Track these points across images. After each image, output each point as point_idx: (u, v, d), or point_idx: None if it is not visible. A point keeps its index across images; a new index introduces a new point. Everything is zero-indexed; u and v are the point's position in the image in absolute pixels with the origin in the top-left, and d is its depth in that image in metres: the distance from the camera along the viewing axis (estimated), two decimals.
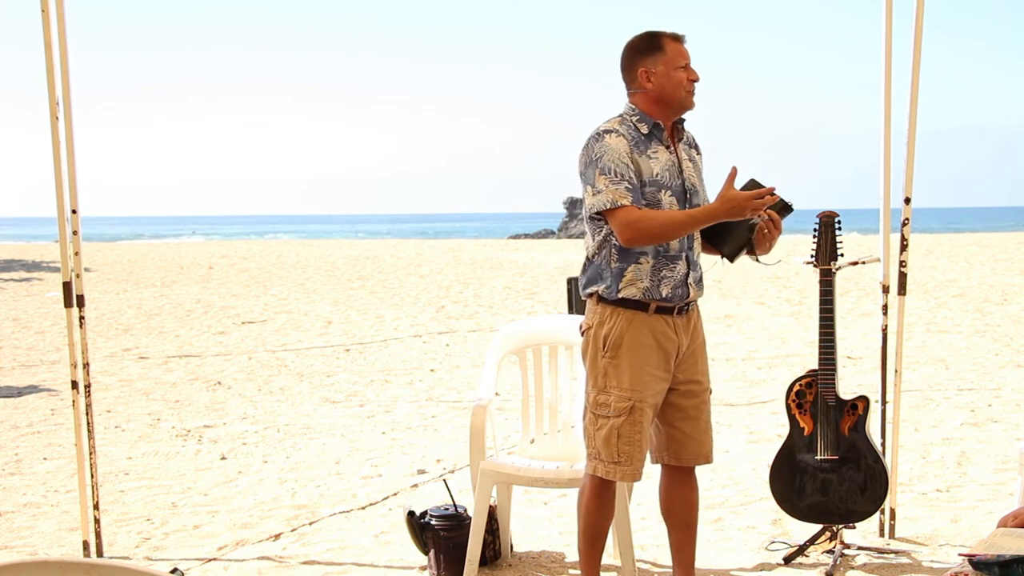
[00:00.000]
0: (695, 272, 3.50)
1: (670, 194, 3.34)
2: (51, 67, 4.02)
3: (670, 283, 3.39)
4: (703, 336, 3.58)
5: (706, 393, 3.53)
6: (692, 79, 3.38)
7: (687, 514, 3.60)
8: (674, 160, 3.39)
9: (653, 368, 3.38)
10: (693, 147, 3.53)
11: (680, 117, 3.43)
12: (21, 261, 22.97)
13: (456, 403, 7.41)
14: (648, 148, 3.35)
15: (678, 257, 3.40)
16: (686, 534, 3.60)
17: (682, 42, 3.39)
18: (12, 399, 7.78)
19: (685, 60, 3.38)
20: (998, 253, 21.24)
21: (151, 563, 4.24)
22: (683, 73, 3.35)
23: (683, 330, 3.48)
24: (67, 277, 4.16)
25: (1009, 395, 7.24)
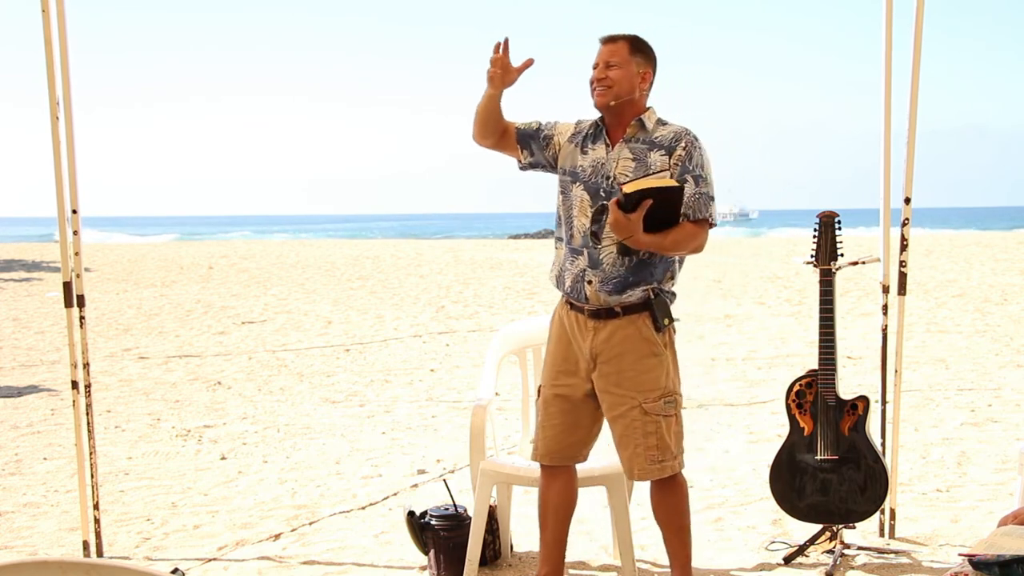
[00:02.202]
0: (598, 272, 3.39)
1: (582, 188, 3.43)
2: (51, 67, 4.02)
3: (570, 276, 3.45)
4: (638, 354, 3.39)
5: (633, 411, 3.39)
6: (595, 79, 3.46)
7: (668, 518, 3.56)
8: (604, 158, 3.43)
9: (561, 360, 3.49)
10: (658, 148, 3.40)
11: (638, 117, 3.45)
12: (21, 261, 22.96)
13: (456, 403, 7.41)
14: (589, 143, 3.49)
15: (579, 251, 3.43)
16: (676, 537, 3.57)
17: (603, 42, 3.47)
18: (12, 399, 7.78)
19: (597, 60, 3.47)
20: (998, 253, 21.25)
21: (151, 563, 4.24)
22: (593, 73, 3.46)
23: (592, 334, 3.43)
24: (67, 277, 4.16)
25: (1009, 395, 7.24)
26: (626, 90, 3.42)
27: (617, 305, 3.39)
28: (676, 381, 3.48)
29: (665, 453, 3.42)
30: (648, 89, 3.51)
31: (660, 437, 3.40)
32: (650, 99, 3.54)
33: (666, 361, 3.43)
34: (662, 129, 3.45)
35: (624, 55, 3.43)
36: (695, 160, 3.38)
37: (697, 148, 3.40)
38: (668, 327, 3.44)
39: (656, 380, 3.40)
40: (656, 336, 3.40)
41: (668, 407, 3.42)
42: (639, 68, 3.45)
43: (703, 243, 3.40)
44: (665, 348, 3.43)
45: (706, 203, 3.37)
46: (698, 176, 3.37)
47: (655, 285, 3.40)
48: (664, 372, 3.42)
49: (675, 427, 3.45)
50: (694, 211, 3.35)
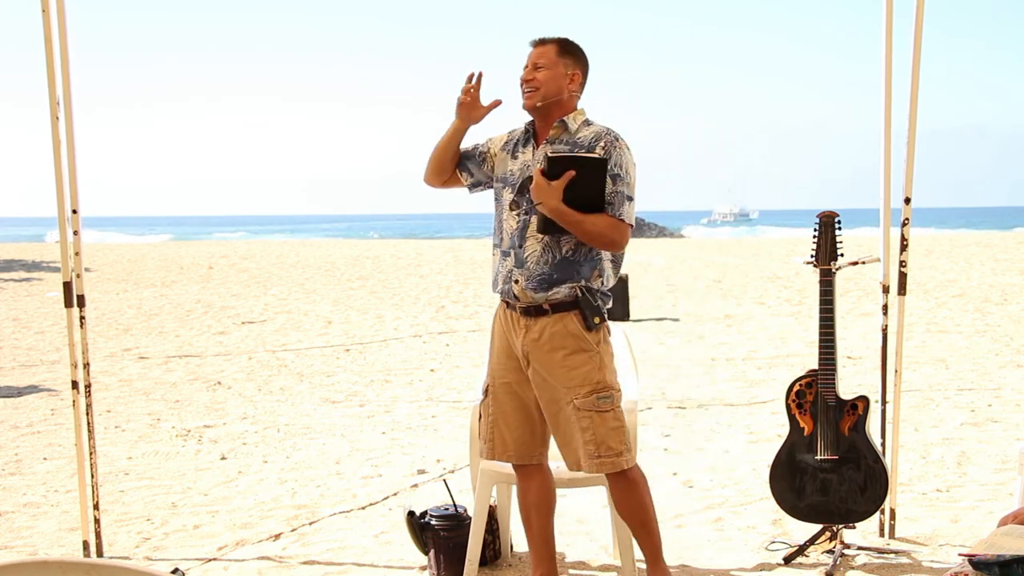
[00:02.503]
0: (523, 271, 3.44)
1: (510, 192, 3.51)
2: (51, 67, 4.02)
3: (501, 278, 3.53)
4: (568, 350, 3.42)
5: (567, 407, 3.42)
6: (523, 80, 3.52)
7: (629, 513, 3.59)
8: (531, 160, 3.49)
9: (503, 356, 3.57)
10: (579, 148, 3.41)
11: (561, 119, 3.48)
12: (21, 261, 22.97)
13: (456, 403, 7.41)
14: (520, 148, 3.57)
15: (508, 253, 3.51)
16: (640, 532, 3.60)
17: (533, 45, 3.54)
18: (12, 399, 7.78)
19: (526, 62, 3.52)
20: (998, 253, 21.25)
21: (151, 563, 4.24)
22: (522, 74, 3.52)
23: (524, 332, 3.48)
24: (67, 277, 4.16)
25: (1009, 395, 7.25)
26: (553, 91, 3.46)
27: (545, 303, 3.43)
28: (612, 378, 3.48)
29: (602, 448, 3.42)
30: (578, 90, 3.53)
31: (595, 432, 3.42)
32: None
33: (597, 357, 3.44)
34: (586, 130, 3.47)
35: (552, 57, 3.47)
36: (614, 159, 3.38)
37: (617, 148, 3.40)
38: (600, 325, 3.46)
39: (586, 376, 3.41)
40: (586, 333, 3.43)
41: (602, 403, 3.42)
42: (567, 69, 3.48)
43: (621, 241, 3.39)
44: (596, 345, 3.44)
45: (622, 202, 3.38)
46: (616, 175, 3.38)
47: (582, 283, 3.43)
48: (595, 367, 3.43)
49: (612, 423, 3.44)
50: (612, 209, 3.37)
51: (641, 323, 11.67)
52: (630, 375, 4.10)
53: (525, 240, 3.44)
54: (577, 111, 3.52)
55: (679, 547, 4.29)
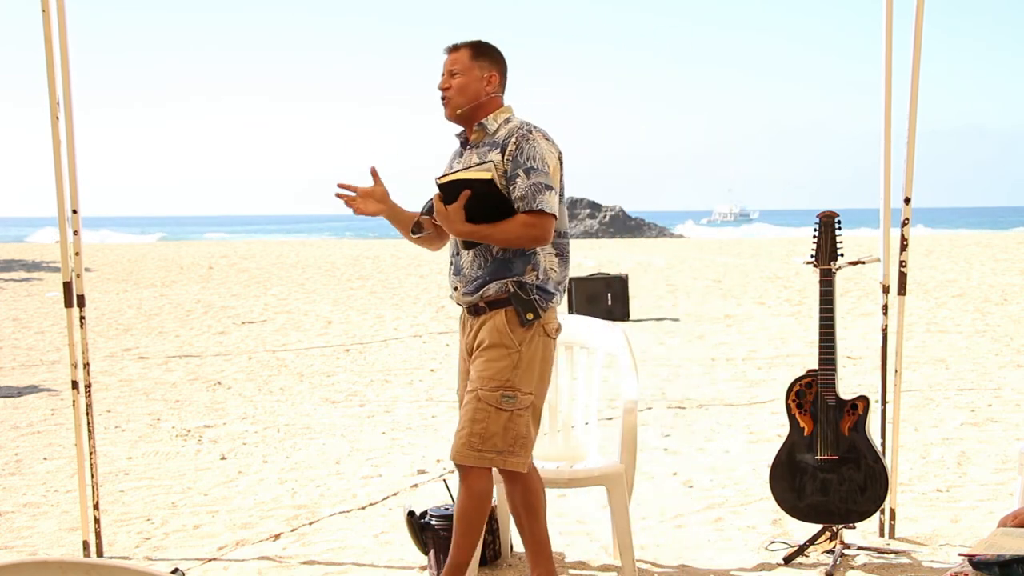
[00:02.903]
0: (461, 278, 3.53)
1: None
2: (51, 67, 4.02)
3: (450, 285, 3.62)
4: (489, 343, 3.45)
5: (472, 395, 3.46)
6: (440, 88, 3.55)
7: (515, 510, 3.60)
8: (464, 165, 3.53)
9: (461, 361, 3.65)
10: (495, 147, 3.45)
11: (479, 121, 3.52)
12: (21, 261, 22.97)
13: (456, 403, 7.39)
14: (457, 159, 3.62)
15: (451, 263, 3.59)
16: (523, 531, 3.60)
17: (447, 52, 3.57)
18: (12, 399, 7.78)
19: (442, 70, 3.56)
20: (998, 253, 21.26)
21: (151, 563, 4.24)
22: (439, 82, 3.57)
23: (470, 330, 3.55)
24: (67, 277, 4.16)
25: (1009, 395, 7.25)
26: (470, 97, 3.49)
27: (481, 301, 3.48)
28: (525, 380, 3.44)
29: (487, 443, 3.41)
30: (497, 90, 3.55)
31: (485, 427, 3.41)
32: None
33: (515, 356, 3.43)
34: (504, 128, 3.49)
35: (466, 62, 3.50)
36: (526, 153, 3.40)
37: (529, 141, 3.42)
38: (534, 323, 3.44)
39: (498, 371, 3.42)
40: (513, 331, 3.43)
41: (505, 402, 3.41)
42: (484, 72, 3.51)
43: (542, 234, 3.39)
44: (520, 344, 3.43)
45: (537, 192, 3.37)
46: (529, 168, 3.39)
47: (514, 279, 3.43)
48: (510, 366, 3.42)
49: (509, 424, 3.42)
50: (528, 202, 3.37)
51: (641, 323, 11.67)
52: (630, 375, 4.10)
53: (460, 249, 3.53)
54: (500, 109, 3.54)
55: (679, 547, 4.29)
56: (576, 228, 49.21)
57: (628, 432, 3.92)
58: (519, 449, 3.46)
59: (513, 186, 3.40)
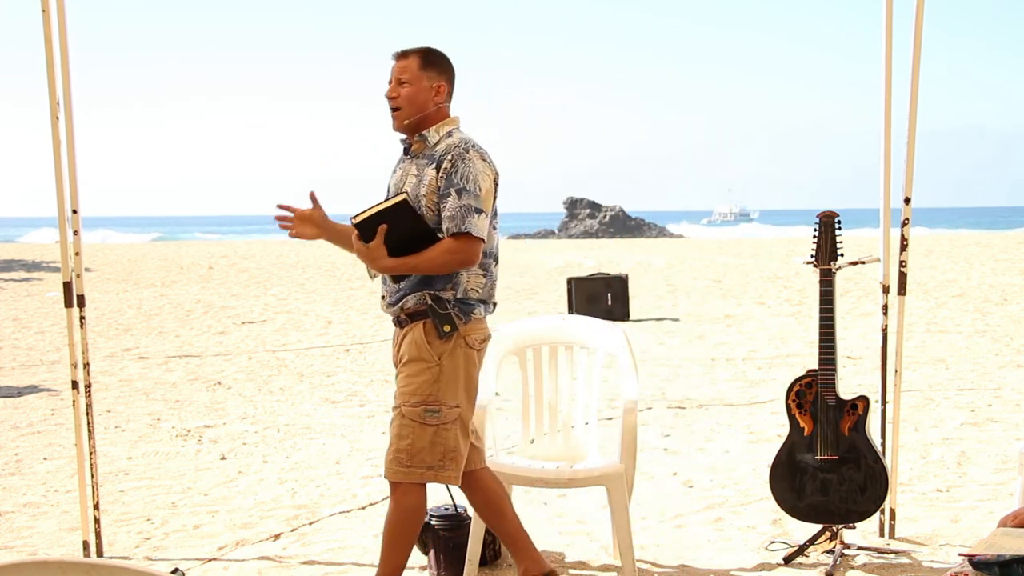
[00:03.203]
0: (386, 288, 3.55)
1: None
2: (51, 67, 4.02)
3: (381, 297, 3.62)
4: (409, 358, 3.45)
5: (396, 411, 3.45)
6: (387, 96, 3.51)
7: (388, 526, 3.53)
8: (403, 174, 3.52)
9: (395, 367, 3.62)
10: (432, 163, 3.41)
11: (421, 132, 3.48)
12: (21, 261, 22.96)
13: None
14: (399, 163, 3.59)
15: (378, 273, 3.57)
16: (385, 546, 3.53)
17: (395, 58, 3.51)
18: (12, 399, 7.78)
19: (390, 77, 3.51)
20: (998, 253, 21.26)
21: (151, 563, 4.24)
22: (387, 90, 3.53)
23: (396, 341, 3.56)
24: (67, 277, 4.16)
25: (1009, 395, 7.25)
26: (417, 108, 3.45)
27: (401, 313, 3.48)
28: (447, 393, 3.41)
29: (415, 459, 3.39)
30: (445, 100, 3.51)
31: (412, 443, 3.39)
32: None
33: (436, 370, 3.40)
34: (444, 142, 3.45)
35: (415, 71, 3.45)
36: (460, 173, 3.35)
37: (464, 160, 3.37)
38: (454, 336, 3.41)
39: (419, 386, 3.40)
40: (431, 344, 3.40)
41: (428, 416, 3.39)
42: (432, 82, 3.46)
43: (469, 257, 3.36)
44: (439, 357, 3.40)
45: (465, 216, 3.33)
46: (461, 189, 3.34)
47: (434, 292, 3.41)
48: (431, 380, 3.40)
49: (436, 438, 3.40)
50: (454, 225, 3.33)
51: (641, 323, 11.67)
52: (630, 375, 4.10)
53: None
54: (444, 121, 3.50)
55: (679, 547, 4.29)
56: (576, 228, 49.24)
57: (628, 432, 3.92)
58: (449, 463, 3.44)
59: (444, 205, 3.36)
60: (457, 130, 3.51)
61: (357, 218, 3.35)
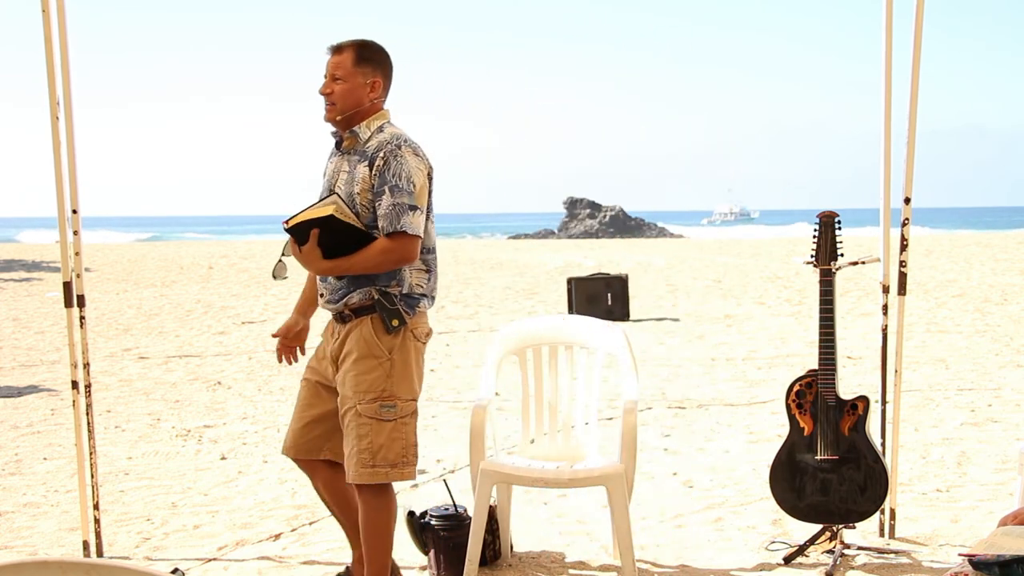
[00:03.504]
0: (326, 284, 3.51)
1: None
2: (51, 67, 4.02)
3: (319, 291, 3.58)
4: (358, 355, 3.42)
5: (350, 412, 3.41)
6: (321, 92, 3.48)
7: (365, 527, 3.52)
8: (334, 170, 3.50)
9: (317, 357, 3.63)
10: (364, 159, 3.39)
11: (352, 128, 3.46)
12: (21, 261, 22.96)
13: (456, 403, 7.41)
14: (329, 160, 3.58)
15: None
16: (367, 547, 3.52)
17: (330, 53, 3.47)
18: (12, 399, 7.78)
19: (325, 72, 3.48)
20: (998, 253, 21.25)
21: (151, 563, 4.24)
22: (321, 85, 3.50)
23: (335, 338, 3.52)
24: (67, 277, 4.16)
25: (1009, 395, 7.25)
26: (352, 103, 3.41)
27: (345, 308, 3.45)
28: (401, 387, 3.42)
29: (377, 458, 3.38)
30: (380, 95, 3.48)
31: (372, 441, 3.38)
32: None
33: (387, 364, 3.40)
34: (376, 138, 3.42)
35: (349, 67, 3.41)
36: (393, 170, 3.33)
37: (397, 157, 3.34)
38: (402, 331, 3.41)
39: (372, 383, 3.39)
40: (380, 339, 3.40)
41: (385, 411, 3.39)
42: (367, 78, 3.42)
43: (405, 255, 3.36)
44: (390, 352, 3.40)
45: (400, 214, 3.31)
46: (394, 186, 3.32)
47: (378, 287, 3.41)
48: (383, 375, 3.40)
49: (394, 434, 3.40)
50: (388, 223, 3.32)
51: (641, 323, 11.67)
52: (630, 375, 4.10)
53: None
54: (376, 115, 3.47)
55: (679, 547, 4.29)
56: (576, 228, 49.24)
57: (628, 432, 3.92)
58: (411, 458, 3.45)
59: (379, 203, 3.35)
60: (389, 124, 3.47)
61: (289, 223, 3.34)
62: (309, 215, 3.33)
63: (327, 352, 3.57)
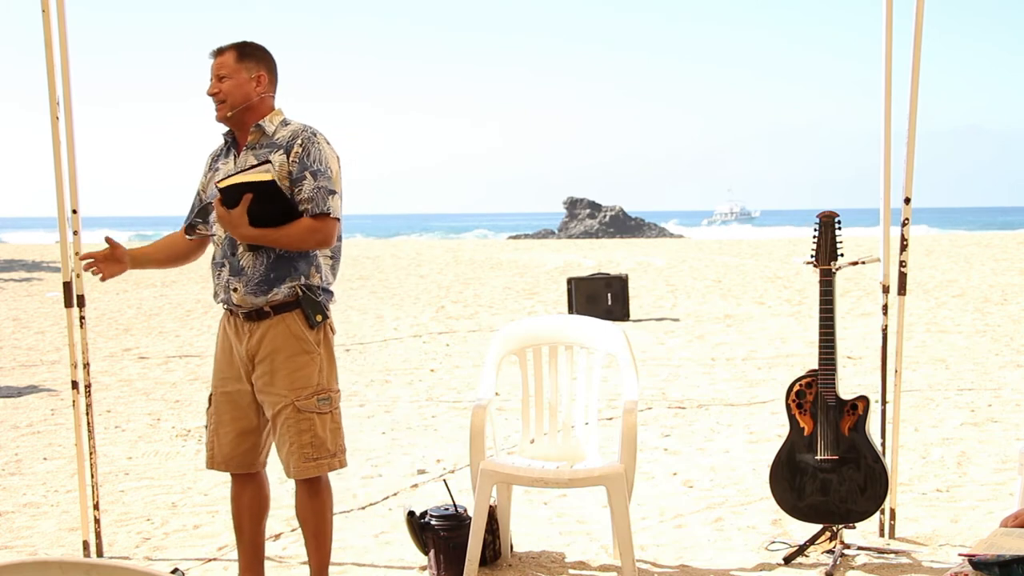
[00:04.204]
0: (242, 278, 3.44)
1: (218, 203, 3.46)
2: (51, 67, 4.02)
3: (221, 289, 3.54)
4: (290, 352, 3.43)
5: (287, 409, 3.42)
6: (208, 93, 3.49)
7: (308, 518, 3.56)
8: (233, 168, 3.48)
9: (224, 364, 3.58)
10: (278, 149, 3.41)
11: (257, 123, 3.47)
12: (21, 261, 22.97)
13: (456, 403, 7.41)
14: (221, 160, 3.58)
15: (222, 264, 3.51)
16: (313, 540, 3.58)
17: (212, 55, 3.50)
18: (12, 399, 7.78)
19: (210, 75, 3.50)
20: (998, 253, 21.26)
21: (151, 563, 4.24)
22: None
23: (248, 336, 3.48)
24: (67, 277, 4.16)
25: (1009, 395, 7.25)
26: (240, 99, 3.44)
27: (266, 305, 3.43)
28: (331, 378, 3.51)
29: (320, 450, 3.44)
30: (268, 90, 3.51)
31: (314, 435, 3.43)
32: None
33: (319, 359, 3.47)
34: (283, 130, 3.47)
35: (232, 65, 3.45)
36: (312, 156, 3.40)
37: (315, 144, 3.42)
38: (322, 324, 3.49)
39: (308, 377, 3.44)
40: (308, 333, 3.45)
41: (322, 404, 3.45)
42: (251, 73, 3.46)
43: (327, 237, 3.41)
44: (318, 346, 3.47)
45: (325, 197, 3.38)
46: (316, 171, 3.39)
47: (301, 281, 3.43)
48: (316, 369, 3.46)
49: (331, 424, 3.48)
50: (314, 205, 3.37)
51: (641, 323, 11.67)
52: (630, 375, 4.10)
53: (236, 248, 3.45)
54: (274, 112, 3.51)
55: (679, 547, 4.29)
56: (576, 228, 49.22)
57: (628, 432, 3.92)
58: (342, 445, 3.54)
59: (299, 188, 3.38)
60: (289, 118, 3.53)
61: (223, 182, 3.34)
62: (247, 178, 3.32)
63: (239, 354, 3.51)
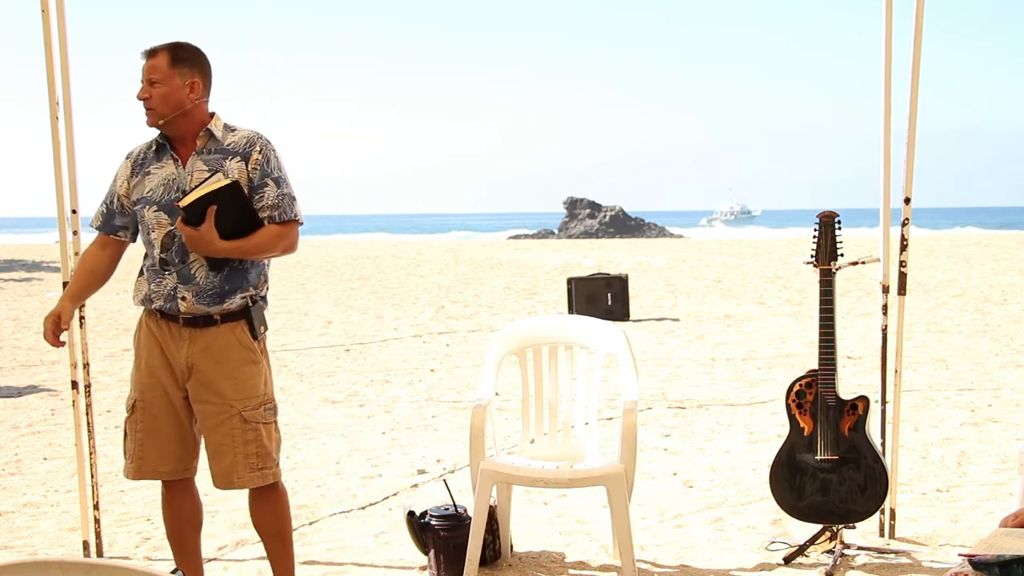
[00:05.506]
0: (192, 286, 3.35)
1: (156, 209, 3.39)
2: (51, 67, 4.03)
3: (160, 296, 3.40)
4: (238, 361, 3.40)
5: (232, 419, 3.37)
6: (139, 97, 3.39)
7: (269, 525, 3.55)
8: (176, 174, 3.38)
9: (153, 370, 3.45)
10: (232, 155, 3.36)
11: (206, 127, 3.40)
12: (21, 261, 22.97)
13: (456, 403, 7.41)
14: (152, 164, 3.43)
15: (166, 271, 3.41)
16: (277, 545, 3.57)
17: (145, 57, 3.39)
18: (12, 399, 7.78)
19: (141, 76, 3.39)
20: (998, 253, 21.26)
21: (151, 563, 4.24)
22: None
23: (188, 343, 3.39)
24: (67, 277, 4.16)
25: (1009, 395, 7.25)
26: (172, 107, 3.34)
27: (217, 313, 3.38)
28: (272, 388, 3.51)
29: (266, 460, 3.44)
30: (202, 96, 3.41)
31: (260, 444, 3.42)
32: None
33: (263, 368, 3.46)
34: (233, 136, 3.41)
35: (164, 69, 3.33)
36: (272, 163, 3.38)
37: (272, 151, 3.39)
38: (263, 335, 3.48)
39: (256, 387, 3.42)
40: (253, 343, 3.44)
41: (268, 414, 3.45)
42: (185, 79, 3.35)
43: (294, 242, 3.44)
44: (262, 355, 3.47)
45: (290, 203, 3.39)
46: (278, 178, 3.37)
47: (252, 292, 3.42)
48: (263, 379, 3.45)
49: (275, 435, 3.49)
50: (281, 212, 3.36)
51: (641, 323, 11.67)
52: (630, 375, 4.10)
53: (188, 256, 3.35)
54: (214, 117, 3.45)
55: (679, 547, 4.29)
56: (576, 228, 49.23)
57: (628, 432, 3.92)
58: (279, 453, 3.54)
59: (261, 195, 3.34)
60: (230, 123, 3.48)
61: (185, 201, 3.23)
62: (208, 188, 3.22)
63: (175, 360, 3.42)
